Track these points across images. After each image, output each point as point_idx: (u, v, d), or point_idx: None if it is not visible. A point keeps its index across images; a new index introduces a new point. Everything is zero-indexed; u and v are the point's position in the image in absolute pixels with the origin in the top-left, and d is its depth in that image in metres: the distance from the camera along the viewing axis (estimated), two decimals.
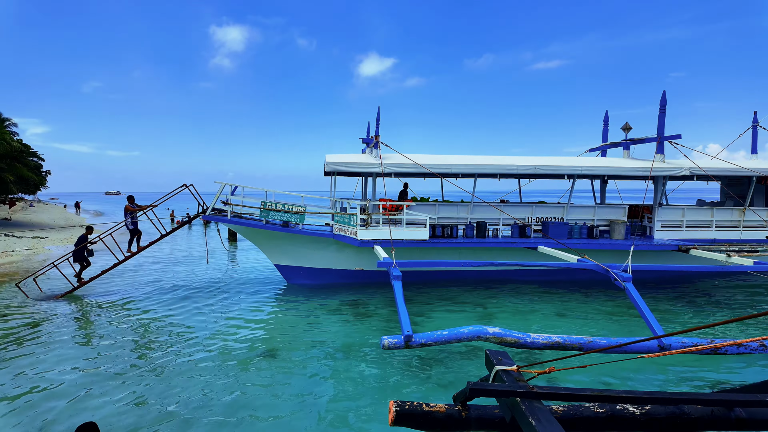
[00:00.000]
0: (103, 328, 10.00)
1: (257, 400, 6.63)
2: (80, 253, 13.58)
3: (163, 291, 13.65)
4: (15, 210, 49.71)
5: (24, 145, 42.14)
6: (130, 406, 6.45)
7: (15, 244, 22.73)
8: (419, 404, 2.55)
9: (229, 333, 9.74)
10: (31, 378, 7.37)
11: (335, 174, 14.64)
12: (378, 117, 13.94)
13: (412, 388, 7.11)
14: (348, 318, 10.93)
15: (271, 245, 14.25)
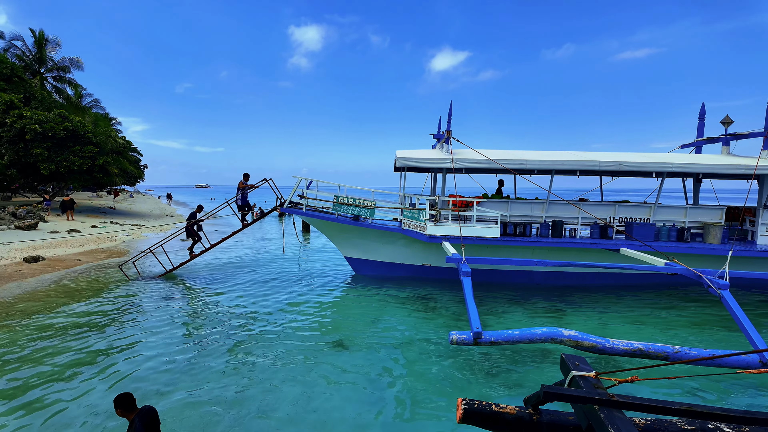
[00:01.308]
0: (186, 309, 10.92)
1: (324, 388, 6.88)
2: (191, 229, 14.89)
3: (242, 278, 14.59)
4: (118, 200, 55.60)
5: (127, 141, 46.90)
6: (202, 384, 6.99)
7: (118, 230, 25.42)
8: (488, 404, 2.52)
9: (299, 321, 10.20)
10: (121, 350, 8.23)
11: (405, 170, 14.71)
12: (450, 112, 13.79)
13: (478, 387, 7.01)
14: (415, 312, 10.99)
15: (341, 238, 14.67)
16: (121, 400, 4.04)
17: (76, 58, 44.54)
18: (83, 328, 9.26)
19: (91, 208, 38.51)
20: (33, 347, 8.15)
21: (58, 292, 12.05)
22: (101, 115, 46.01)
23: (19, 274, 13.63)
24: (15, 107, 28.50)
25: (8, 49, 41.12)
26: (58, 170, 28.68)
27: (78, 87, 47.04)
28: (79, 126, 29.58)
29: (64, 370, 7.27)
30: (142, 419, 4.00)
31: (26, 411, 5.97)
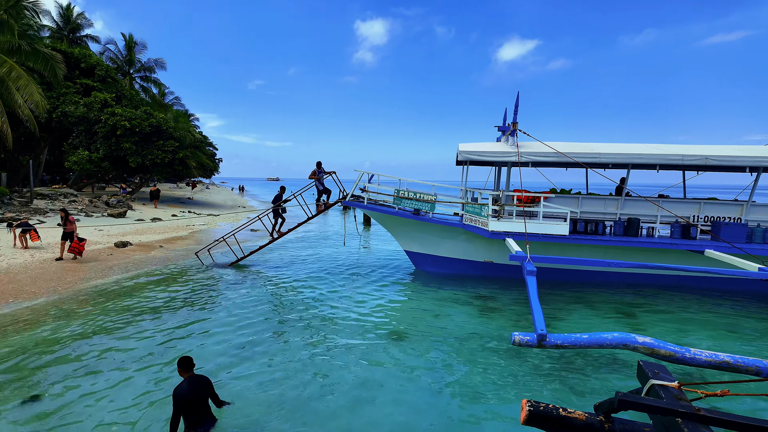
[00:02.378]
0: (252, 296, 11.46)
1: (382, 382, 6.92)
2: (276, 210, 15.64)
3: (304, 268, 15.08)
4: (195, 191, 59.58)
5: (204, 136, 50.03)
6: (264, 367, 7.29)
7: (195, 220, 27.25)
8: (555, 407, 2.40)
9: (358, 313, 10.35)
10: (192, 331, 8.80)
11: (467, 163, 14.42)
12: (517, 103, 13.29)
13: (541, 390, 6.73)
14: (476, 310, 10.77)
15: (402, 231, 14.70)
16: (181, 361, 5.11)
17: (160, 59, 48.10)
18: (162, 309, 10.03)
19: (172, 198, 41.60)
20: (115, 324, 8.95)
21: (141, 275, 13.13)
22: (181, 111, 49.39)
23: (110, 257, 15.03)
24: (109, 105, 31.36)
25: (103, 53, 45.22)
26: (144, 163, 31.23)
27: (161, 86, 50.81)
28: (162, 122, 31.98)
29: (141, 345, 7.91)
30: (190, 381, 4.97)
31: (103, 379, 6.57)
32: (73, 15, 42.75)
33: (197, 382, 5.02)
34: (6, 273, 11.98)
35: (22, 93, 22.22)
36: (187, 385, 4.90)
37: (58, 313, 9.45)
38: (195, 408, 4.90)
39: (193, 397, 4.86)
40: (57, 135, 33.38)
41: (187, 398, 4.81)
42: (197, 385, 4.99)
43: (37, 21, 30.31)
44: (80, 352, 7.53)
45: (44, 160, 37.13)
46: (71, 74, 32.73)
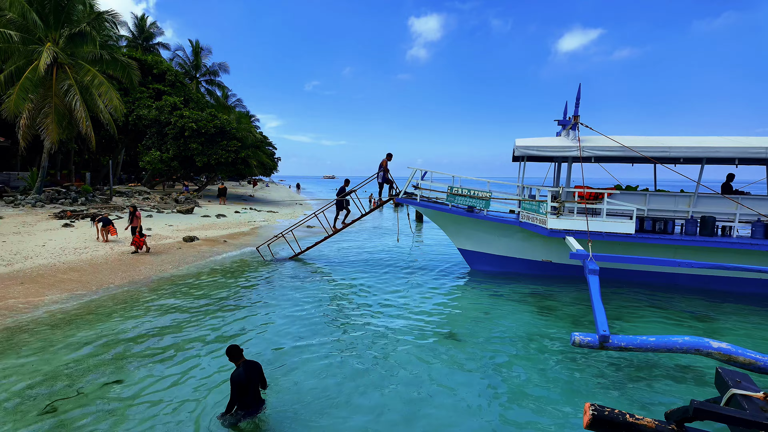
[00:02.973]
0: (309, 289, 11.79)
1: (436, 380, 6.89)
2: (341, 202, 15.94)
3: (358, 264, 15.31)
4: (256, 189, 62.20)
5: (264, 136, 52.07)
6: (318, 360, 7.48)
7: (256, 216, 28.46)
8: (621, 413, 2.29)
9: (411, 310, 10.36)
10: (250, 321, 9.19)
11: (525, 159, 14.00)
12: (578, 96, 12.71)
13: (602, 396, 6.42)
14: (533, 310, 10.46)
15: (455, 229, 14.53)
16: (229, 350, 5.42)
17: (223, 63, 50.58)
18: (226, 299, 10.59)
19: (235, 196, 43.70)
20: (185, 312, 9.55)
21: (208, 268, 13.91)
22: (243, 113, 51.77)
23: (179, 250, 16.06)
24: (178, 108, 33.46)
25: (173, 59, 48.20)
26: (209, 162, 33.04)
27: (225, 88, 53.41)
28: (225, 123, 33.67)
29: (208, 332, 8.39)
30: (245, 366, 5.31)
31: (175, 363, 7.03)
32: (146, 25, 45.96)
33: (251, 368, 5.37)
34: (90, 264, 13.14)
35: (104, 99, 24.21)
36: (243, 370, 5.25)
37: (135, 302, 10.24)
38: (249, 391, 5.26)
39: (248, 381, 5.22)
40: (133, 137, 36.06)
41: (243, 383, 5.17)
42: (251, 371, 5.34)
43: (116, 32, 32.86)
44: (155, 338, 8.11)
45: (122, 160, 40.28)
46: (145, 80, 35.22)
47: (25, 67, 22.06)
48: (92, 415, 5.55)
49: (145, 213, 23.75)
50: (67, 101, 22.73)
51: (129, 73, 26.67)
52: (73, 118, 23.19)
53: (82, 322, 8.73)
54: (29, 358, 7.06)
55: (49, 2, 22.90)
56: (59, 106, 22.81)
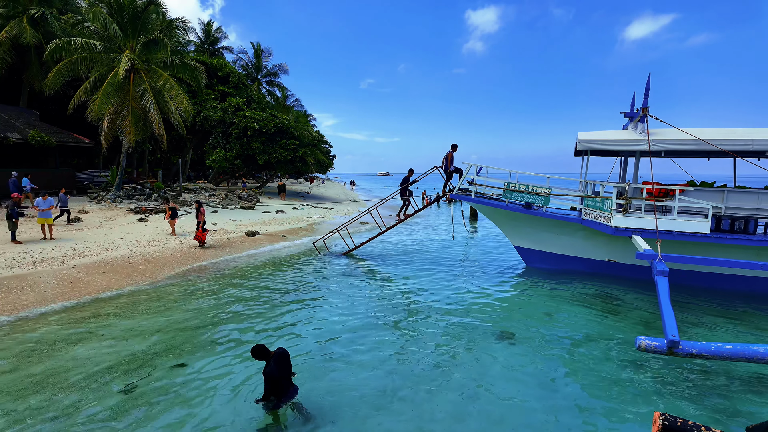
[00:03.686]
0: (363, 284, 11.96)
1: (490, 379, 6.77)
2: (404, 192, 16.06)
3: (412, 260, 15.32)
4: (313, 186, 63.93)
5: (320, 134, 53.37)
6: (368, 354, 7.56)
7: (312, 212, 29.28)
8: (694, 424, 2.16)
9: (465, 307, 10.23)
10: (310, 314, 9.46)
11: (588, 153, 13.35)
12: (647, 86, 11.93)
13: (671, 404, 6.02)
14: (595, 311, 9.98)
15: (511, 226, 14.16)
16: (255, 352, 5.43)
17: (283, 64, 52.30)
18: (284, 291, 11.01)
19: (292, 193, 45.18)
20: (247, 302, 10.03)
21: (268, 261, 14.52)
22: (301, 112, 53.29)
23: (242, 244, 16.88)
24: (240, 109, 35.06)
25: (236, 62, 50.48)
26: (269, 160, 34.39)
27: (284, 89, 55.21)
28: (284, 123, 34.87)
29: (266, 321, 8.76)
30: (276, 359, 5.41)
31: (235, 347, 7.40)
32: (212, 30, 48.48)
33: (281, 361, 5.51)
34: (162, 256, 14.14)
35: (174, 101, 25.86)
36: (274, 364, 5.41)
37: (200, 292, 10.90)
38: (282, 382, 5.49)
39: (280, 375, 5.44)
40: (200, 137, 38.23)
41: (276, 377, 5.40)
42: (281, 363, 5.50)
43: (185, 38, 34.93)
44: (217, 326, 8.60)
45: (190, 158, 42.85)
46: (210, 82, 37.20)
47: (107, 74, 24.02)
48: (160, 394, 6.00)
49: (210, 209, 25.16)
50: (142, 104, 24.51)
51: (197, 76, 28.27)
52: (147, 119, 24.97)
53: (154, 310, 9.43)
54: (110, 342, 7.73)
55: (127, 12, 24.76)
56: (136, 109, 24.65)
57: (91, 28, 24.41)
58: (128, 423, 5.37)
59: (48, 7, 27.49)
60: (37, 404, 5.68)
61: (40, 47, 26.17)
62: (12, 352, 7.18)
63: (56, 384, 6.20)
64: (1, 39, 25.04)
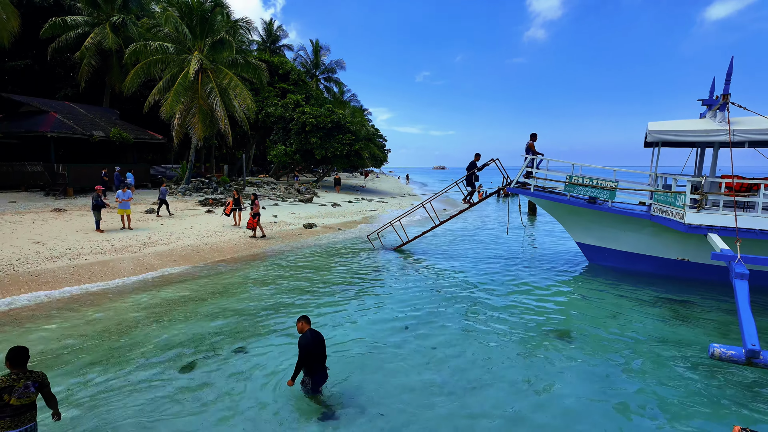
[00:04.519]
0: (416, 279, 11.97)
1: (544, 379, 6.56)
2: (469, 178, 15.34)
3: (466, 255, 15.11)
4: (367, 180, 64.63)
5: (375, 129, 53.76)
6: (423, 350, 7.54)
7: (367, 206, 29.66)
8: None
9: (521, 306, 9.94)
10: (362, 306, 9.60)
11: (659, 145, 12.47)
12: (729, 71, 10.91)
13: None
14: (663, 314, 9.37)
15: (573, 221, 13.55)
16: (302, 317, 5.73)
17: (340, 60, 53.14)
18: (339, 282, 11.27)
19: (348, 186, 45.98)
20: (305, 290, 10.38)
21: (325, 252, 14.91)
22: (357, 107, 53.90)
23: (300, 236, 17.45)
24: (300, 105, 36.09)
25: (295, 59, 51.93)
26: (326, 155, 35.20)
27: (341, 85, 56.11)
28: (341, 118, 35.48)
29: (323, 310, 9.02)
30: (312, 333, 5.59)
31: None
32: (273, 28, 50.16)
33: (318, 336, 5.65)
34: (227, 245, 14.95)
35: (239, 99, 27.10)
36: (310, 335, 5.53)
37: (261, 279, 11.41)
38: (317, 358, 5.55)
39: (315, 347, 5.50)
40: (262, 133, 39.85)
41: (311, 347, 5.47)
42: (318, 338, 5.63)
43: (248, 37, 36.40)
44: (275, 312, 8.98)
45: (252, 154, 44.78)
46: (272, 80, 38.56)
47: (178, 74, 25.61)
48: (218, 374, 6.38)
49: (271, 202, 26.21)
50: (209, 102, 25.91)
51: (259, 74, 29.44)
52: (214, 117, 26.38)
53: (219, 295, 10.00)
54: (179, 324, 8.31)
55: (196, 15, 26.21)
56: (203, 107, 26.11)
57: (164, 31, 26.11)
58: (186, 398, 5.76)
59: (127, 14, 29.69)
60: (114, 372, 6.24)
61: (120, 51, 28.37)
62: (100, 326, 7.91)
63: (132, 356, 6.77)
64: (87, 45, 27.41)
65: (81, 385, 6.02)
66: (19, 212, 17.97)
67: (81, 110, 27.09)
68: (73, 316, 8.50)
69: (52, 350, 7.04)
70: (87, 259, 12.14)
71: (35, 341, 7.32)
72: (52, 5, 29.27)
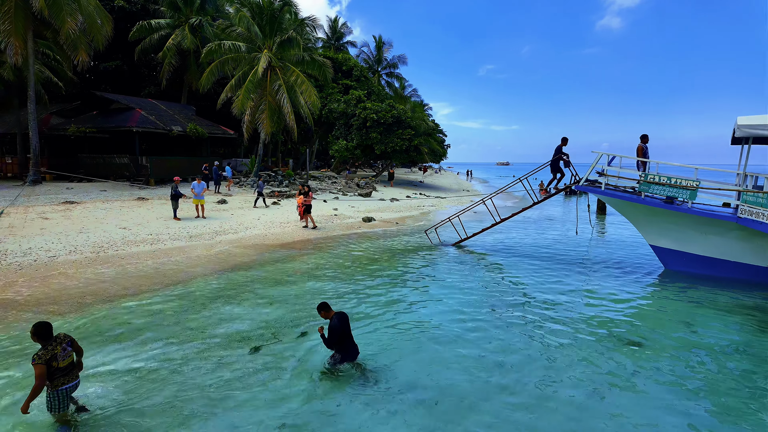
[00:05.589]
0: (473, 277, 11.76)
1: (610, 388, 6.22)
2: (555, 164, 14.22)
3: (528, 255, 14.64)
4: (426, 175, 64.34)
5: (435, 124, 53.37)
6: (474, 351, 7.41)
7: (425, 201, 29.59)
8: None
9: (587, 310, 9.45)
10: (412, 302, 9.59)
11: (749, 141, 11.38)
12: None
13: None
14: (749, 324, 8.57)
15: (648, 222, 12.70)
16: (321, 306, 6.16)
17: (402, 55, 53.24)
18: (397, 276, 11.36)
19: (406, 182, 46.06)
20: (364, 282, 10.57)
21: (383, 246, 15.08)
22: (417, 102, 53.78)
23: (359, 229, 17.78)
24: (362, 101, 36.61)
25: (359, 55, 52.66)
26: (386, 150, 35.48)
27: (402, 80, 56.17)
28: (401, 113, 35.57)
29: (381, 302, 9.14)
30: (338, 317, 6.10)
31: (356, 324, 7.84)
32: (338, 26, 51.17)
33: (343, 318, 6.19)
34: (290, 236, 15.56)
35: (305, 96, 27.97)
36: (337, 320, 6.08)
37: (323, 269, 11.76)
38: (346, 336, 6.18)
39: (342, 329, 6.08)
40: (324, 128, 40.89)
41: (339, 330, 6.02)
42: (344, 319, 6.19)
43: (314, 35, 37.40)
44: (337, 300, 9.23)
45: (315, 149, 46.08)
46: (335, 76, 39.43)
47: (248, 72, 26.87)
48: (280, 358, 6.67)
49: (332, 196, 26.87)
50: (277, 99, 26.96)
51: (324, 71, 30.19)
52: (281, 113, 27.42)
53: (283, 283, 10.44)
54: (247, 307, 8.79)
55: (266, 14, 27.33)
56: (272, 104, 27.22)
57: (237, 31, 27.48)
58: (248, 377, 6.08)
59: (204, 15, 31.58)
60: (189, 350, 6.73)
61: (197, 51, 30.26)
62: (176, 305, 8.56)
63: (204, 334, 7.26)
64: (169, 46, 29.48)
65: (162, 358, 6.55)
66: (109, 200, 19.76)
67: (162, 107, 29.23)
68: (153, 296, 9.25)
69: (135, 324, 7.71)
70: (165, 245, 13.13)
71: (124, 313, 8.05)
72: (140, 10, 31.77)
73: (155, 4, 32.58)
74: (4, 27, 20.14)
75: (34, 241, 12.31)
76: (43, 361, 4.50)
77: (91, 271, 10.51)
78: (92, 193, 21.44)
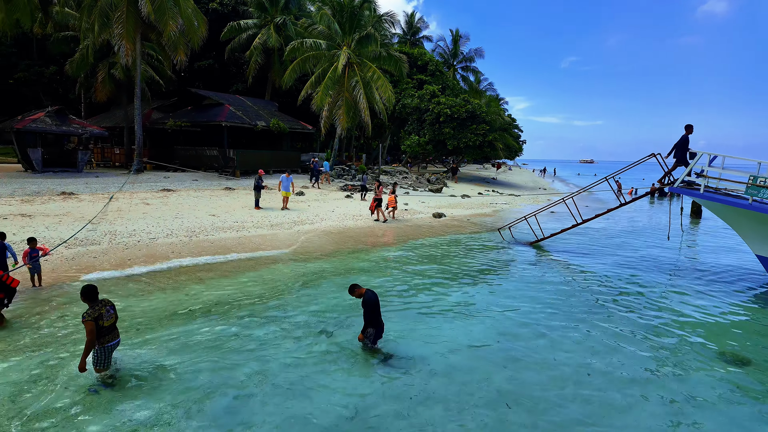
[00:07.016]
0: (549, 278, 11.23)
1: (705, 408, 5.74)
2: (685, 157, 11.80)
3: (610, 261, 13.71)
4: (499, 172, 62.56)
5: (511, 119, 51.69)
6: (552, 357, 7.08)
7: (498, 199, 28.82)
8: None
9: (681, 322, 8.70)
10: (489, 299, 9.37)
11: None
12: None
13: None
14: None
15: (755, 230, 11.39)
16: (351, 288, 6.67)
17: (479, 49, 52.07)
18: (465, 274, 11.21)
19: (478, 178, 45.11)
20: (432, 277, 10.56)
21: (453, 242, 14.94)
22: (493, 96, 52.40)
23: (429, 225, 17.77)
24: (435, 96, 36.36)
25: (434, 50, 52.26)
26: (458, 145, 34.98)
27: (478, 73, 55.00)
28: (476, 108, 34.85)
29: (450, 297, 9.09)
30: (369, 292, 6.57)
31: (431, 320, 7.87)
32: (414, 21, 51.12)
33: (374, 294, 6.64)
34: (361, 229, 15.91)
35: (380, 91, 28.37)
36: (371, 295, 6.58)
37: (394, 261, 11.92)
38: (378, 311, 6.61)
39: (375, 303, 6.54)
40: (397, 123, 41.16)
41: (374, 302, 6.53)
42: (375, 295, 6.65)
43: (391, 30, 37.71)
44: (409, 290, 9.33)
45: (387, 143, 46.57)
46: (410, 71, 39.50)
47: (328, 69, 27.75)
48: (352, 343, 6.87)
49: (403, 191, 27.03)
50: (354, 95, 27.61)
51: (400, 66, 30.38)
52: (357, 108, 28.05)
53: (358, 272, 10.73)
54: (321, 293, 9.14)
55: (346, 11, 28.01)
56: (348, 99, 27.93)
57: (318, 29, 28.48)
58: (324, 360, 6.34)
59: (287, 14, 33.04)
60: (269, 327, 7.16)
61: (280, 49, 31.76)
62: (258, 288, 9.14)
63: (283, 316, 7.67)
64: (255, 45, 31.23)
65: (245, 338, 7.04)
66: (200, 189, 21.46)
67: (248, 102, 31.08)
68: (239, 277, 9.93)
69: (221, 302, 8.34)
70: (249, 232, 14.02)
71: (212, 291, 8.75)
72: (230, 12, 33.97)
73: (244, 5, 34.65)
74: (117, 31, 22.51)
75: (137, 223, 13.70)
76: (91, 318, 5.15)
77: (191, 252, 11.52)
78: (186, 182, 23.41)
